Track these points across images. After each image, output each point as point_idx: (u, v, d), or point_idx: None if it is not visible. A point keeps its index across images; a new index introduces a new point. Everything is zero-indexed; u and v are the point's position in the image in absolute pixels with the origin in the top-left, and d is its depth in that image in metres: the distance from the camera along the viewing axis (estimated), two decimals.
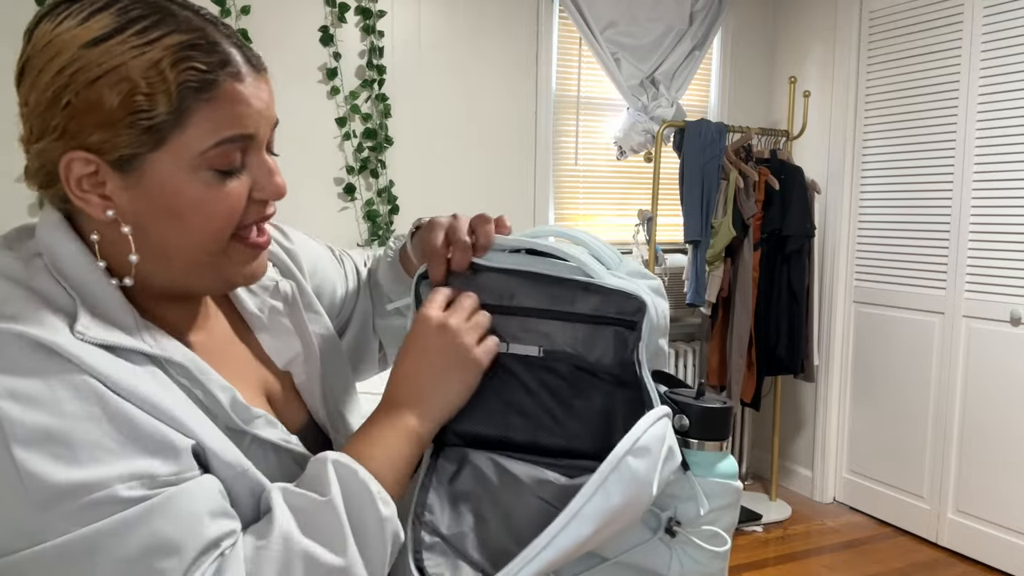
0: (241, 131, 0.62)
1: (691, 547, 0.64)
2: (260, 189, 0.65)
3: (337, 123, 2.96)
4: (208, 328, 0.73)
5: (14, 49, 0.68)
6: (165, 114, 0.59)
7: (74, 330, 0.57)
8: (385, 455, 0.65)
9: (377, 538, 0.60)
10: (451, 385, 0.69)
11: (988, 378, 2.93)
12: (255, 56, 0.66)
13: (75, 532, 0.52)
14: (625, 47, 3.37)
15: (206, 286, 0.68)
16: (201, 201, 0.62)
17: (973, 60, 2.95)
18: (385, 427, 0.68)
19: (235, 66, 0.62)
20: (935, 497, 3.13)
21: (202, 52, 0.60)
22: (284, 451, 0.68)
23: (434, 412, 0.69)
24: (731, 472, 0.67)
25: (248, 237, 0.67)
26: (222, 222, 0.63)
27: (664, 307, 0.73)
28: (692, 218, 3.12)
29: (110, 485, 0.53)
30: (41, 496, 0.52)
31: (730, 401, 0.70)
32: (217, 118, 0.61)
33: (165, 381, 0.61)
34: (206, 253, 0.64)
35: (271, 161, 0.66)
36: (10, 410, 0.52)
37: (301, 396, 0.79)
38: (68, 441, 0.53)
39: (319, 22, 2.91)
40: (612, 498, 0.58)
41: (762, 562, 2.99)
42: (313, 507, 0.59)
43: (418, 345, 0.70)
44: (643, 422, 0.60)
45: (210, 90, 0.60)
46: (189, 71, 0.60)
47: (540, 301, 0.71)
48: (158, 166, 0.60)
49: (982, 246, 2.94)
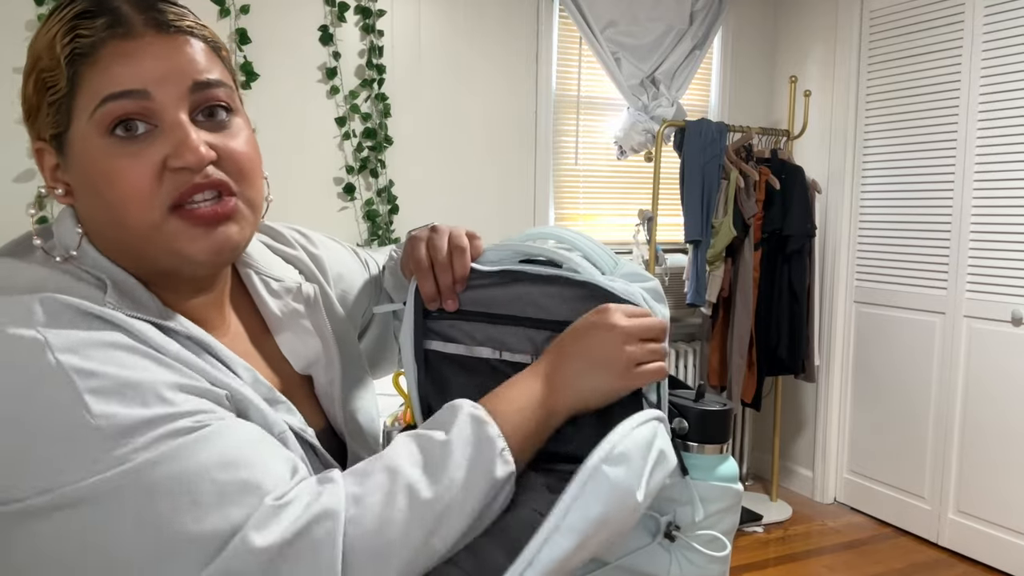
0: (123, 87, 0.60)
1: (690, 551, 0.63)
2: (175, 156, 0.61)
3: (337, 123, 2.96)
4: (224, 328, 0.73)
5: (14, 49, 0.71)
6: (64, 86, 0.61)
7: (104, 303, 0.59)
8: (517, 418, 0.64)
9: (480, 492, 0.59)
10: (597, 385, 0.66)
11: (989, 378, 2.93)
12: (166, 17, 0.63)
13: (155, 451, 0.53)
14: (625, 47, 3.36)
15: (169, 265, 0.64)
16: (108, 172, 0.60)
17: (973, 60, 2.94)
18: (525, 391, 0.66)
19: (124, 26, 0.61)
20: (936, 497, 3.13)
21: (91, 18, 0.61)
22: (303, 441, 0.68)
23: (570, 401, 0.66)
24: (731, 475, 0.66)
25: (191, 211, 0.62)
26: (129, 193, 0.60)
27: (663, 311, 0.72)
28: (692, 218, 3.11)
29: (177, 419, 0.54)
30: (116, 431, 0.53)
31: (730, 403, 0.69)
32: (101, 79, 0.60)
33: (198, 351, 0.63)
34: (135, 227, 0.61)
35: (187, 126, 0.61)
36: (74, 361, 0.53)
37: (319, 401, 0.78)
38: (133, 385, 0.55)
39: (319, 21, 2.90)
40: (591, 508, 0.56)
41: (763, 563, 2.98)
42: (430, 444, 0.59)
43: (587, 334, 0.68)
44: (621, 428, 0.59)
45: (94, 52, 0.60)
46: (76, 39, 0.61)
47: (527, 309, 0.71)
48: (75, 141, 0.62)
49: (983, 246, 2.93)
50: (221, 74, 0.66)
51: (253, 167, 0.66)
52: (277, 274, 0.79)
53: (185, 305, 0.68)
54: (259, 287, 0.78)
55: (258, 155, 0.68)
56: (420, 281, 0.73)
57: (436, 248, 0.73)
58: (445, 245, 0.74)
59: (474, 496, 0.58)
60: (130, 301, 0.62)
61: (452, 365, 0.73)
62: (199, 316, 0.70)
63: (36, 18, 2.45)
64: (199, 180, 0.62)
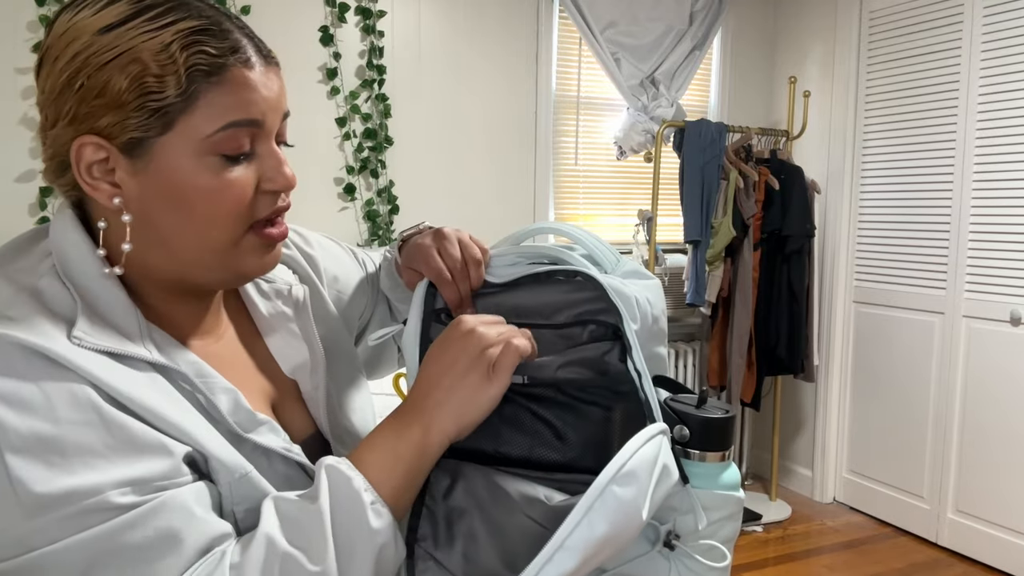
0: (247, 116, 0.62)
1: (690, 560, 0.63)
2: (269, 180, 0.65)
3: (337, 123, 2.96)
4: (217, 332, 0.73)
5: (15, 49, 0.69)
6: (174, 96, 0.60)
7: (71, 335, 0.57)
8: (386, 464, 0.62)
9: (364, 550, 0.58)
10: (467, 395, 0.64)
11: (988, 378, 2.93)
12: (266, 48, 0.66)
13: (69, 538, 0.52)
14: (625, 47, 3.36)
15: (215, 280, 0.67)
16: (207, 188, 0.62)
17: (973, 60, 2.94)
18: (390, 435, 0.64)
19: (245, 53, 0.63)
20: (935, 497, 3.13)
21: (213, 37, 0.61)
22: (287, 460, 0.67)
23: (445, 424, 0.64)
24: (733, 483, 0.66)
25: (263, 230, 0.66)
26: (228, 211, 0.63)
27: (661, 308, 0.72)
28: (692, 218, 3.11)
29: (102, 491, 0.53)
30: (33, 503, 0.52)
31: (733, 409, 0.68)
32: (224, 102, 0.61)
33: (165, 386, 0.61)
34: (215, 243, 0.64)
35: (280, 152, 0.66)
36: (4, 416, 0.52)
37: (307, 406, 0.78)
38: (62, 448, 0.53)
39: (319, 22, 2.90)
40: (597, 528, 0.55)
41: (762, 562, 2.99)
42: (299, 513, 0.58)
43: (441, 348, 0.66)
44: (631, 445, 0.58)
45: (219, 74, 0.61)
46: (199, 54, 0.61)
47: (529, 314, 0.70)
48: (166, 150, 0.61)
49: (982, 246, 2.93)
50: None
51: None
52: (269, 274, 0.78)
53: (172, 307, 0.68)
54: (250, 288, 0.78)
55: None
56: (444, 290, 0.73)
57: (451, 257, 0.74)
58: (459, 254, 0.74)
59: (359, 558, 0.58)
60: (104, 323, 0.60)
61: None
62: (195, 324, 0.70)
63: (37, 18, 2.45)
64: (281, 204, 0.67)
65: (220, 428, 0.63)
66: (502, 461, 0.67)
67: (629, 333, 0.65)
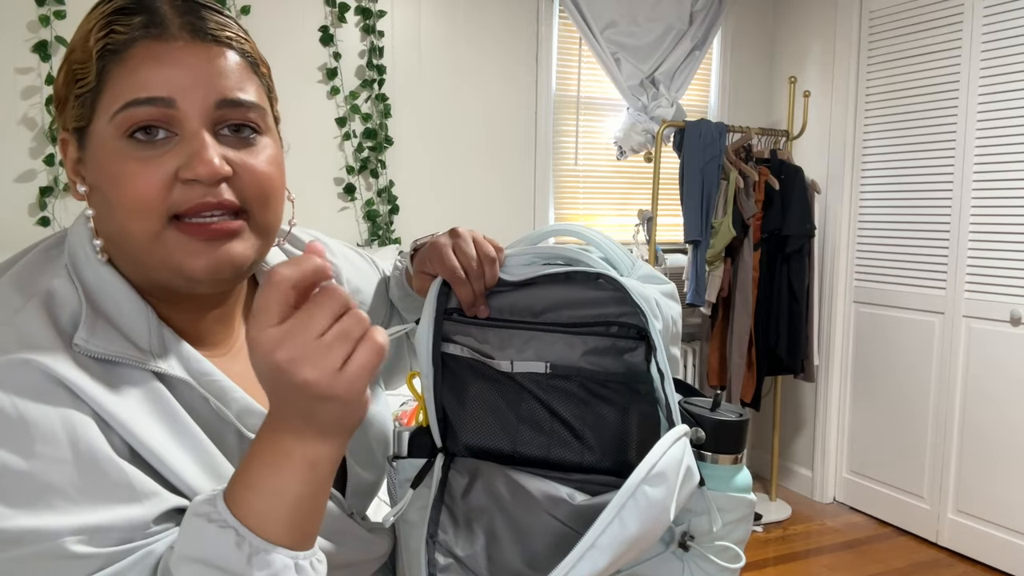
0: (150, 94, 0.58)
1: (704, 562, 0.64)
2: (186, 167, 0.58)
3: (337, 123, 2.95)
4: (229, 346, 0.72)
5: (15, 49, 0.71)
6: (93, 80, 0.60)
7: (73, 341, 0.56)
8: (270, 501, 0.52)
9: None
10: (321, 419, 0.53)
11: (988, 378, 2.94)
12: (206, 25, 0.61)
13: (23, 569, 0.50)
14: (625, 47, 3.36)
15: (167, 280, 0.61)
16: (115, 176, 0.59)
17: (973, 60, 2.94)
18: (265, 465, 0.53)
19: (158, 27, 0.59)
20: (935, 497, 3.14)
21: (127, 15, 0.60)
22: None
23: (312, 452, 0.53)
24: (746, 485, 0.66)
25: (191, 224, 0.59)
26: (135, 200, 0.58)
27: (677, 311, 0.72)
28: (692, 218, 3.12)
29: (59, 537, 0.50)
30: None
31: (746, 413, 0.68)
32: (128, 81, 0.58)
33: (163, 402, 0.59)
34: (135, 236, 0.59)
35: (205, 138, 0.59)
36: None
37: None
38: (28, 484, 0.51)
39: (319, 22, 2.90)
40: (628, 527, 0.56)
41: (762, 562, 2.99)
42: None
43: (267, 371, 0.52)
44: (660, 446, 0.59)
45: (125, 51, 0.59)
46: (110, 35, 0.60)
47: (541, 315, 0.70)
48: (93, 138, 0.61)
49: (982, 246, 2.94)
50: (255, 93, 0.63)
51: (272, 187, 0.64)
52: None
53: (185, 321, 0.66)
54: None
55: (281, 176, 0.65)
56: (458, 289, 0.72)
57: (466, 256, 0.72)
58: (474, 252, 0.73)
59: None
60: (111, 326, 0.59)
61: (468, 370, 0.73)
62: (198, 333, 0.68)
63: (37, 18, 2.45)
64: (209, 199, 0.59)
65: (228, 430, 0.62)
66: (520, 461, 0.67)
67: (654, 333, 0.65)
